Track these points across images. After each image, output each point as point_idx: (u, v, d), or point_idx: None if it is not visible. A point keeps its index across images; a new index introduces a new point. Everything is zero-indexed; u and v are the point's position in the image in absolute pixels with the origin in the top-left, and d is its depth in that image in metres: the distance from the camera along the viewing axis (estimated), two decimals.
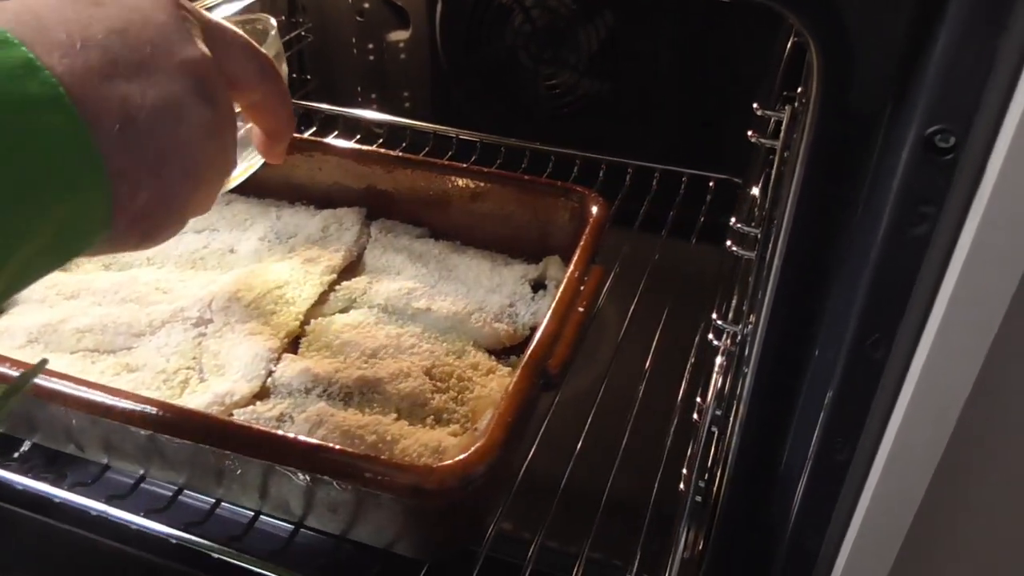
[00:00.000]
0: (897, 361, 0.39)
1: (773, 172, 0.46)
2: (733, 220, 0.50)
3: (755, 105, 0.46)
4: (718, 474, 0.55)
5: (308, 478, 0.39)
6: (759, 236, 0.49)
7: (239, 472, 0.42)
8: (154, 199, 0.30)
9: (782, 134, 0.45)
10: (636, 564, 0.48)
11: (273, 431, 0.39)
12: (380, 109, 0.89)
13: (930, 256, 0.36)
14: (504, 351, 0.55)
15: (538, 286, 0.59)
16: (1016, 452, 0.42)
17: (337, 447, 0.38)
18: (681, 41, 0.78)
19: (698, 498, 0.56)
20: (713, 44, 0.77)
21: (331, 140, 0.71)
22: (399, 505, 0.38)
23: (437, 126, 0.82)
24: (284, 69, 0.45)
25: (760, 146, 0.47)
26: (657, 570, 0.50)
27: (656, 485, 0.50)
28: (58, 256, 0.29)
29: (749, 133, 0.48)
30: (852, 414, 0.42)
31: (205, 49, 0.32)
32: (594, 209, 0.57)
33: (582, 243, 0.53)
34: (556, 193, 0.59)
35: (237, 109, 0.36)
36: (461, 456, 0.37)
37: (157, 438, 0.41)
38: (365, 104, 0.92)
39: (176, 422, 0.40)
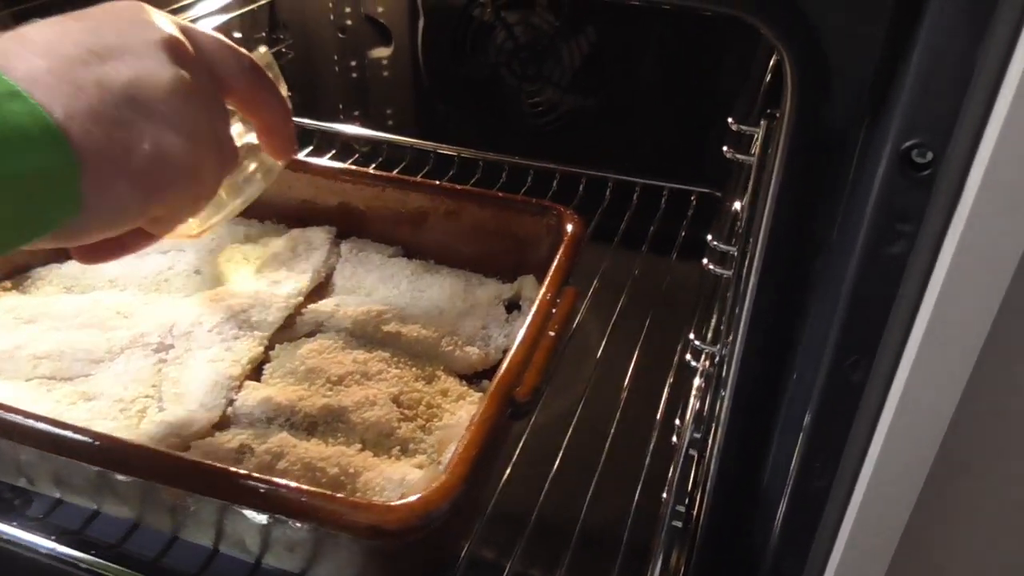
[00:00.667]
0: (877, 384, 0.38)
1: (749, 189, 0.44)
2: (710, 237, 0.49)
3: (730, 120, 0.45)
4: (698, 498, 0.53)
5: (264, 516, 0.37)
6: (735, 254, 0.48)
7: (192, 509, 0.40)
8: (130, 174, 0.31)
9: (757, 150, 0.43)
10: None
11: (224, 468, 0.37)
12: (363, 126, 0.87)
13: (909, 275, 0.34)
14: (477, 375, 0.53)
15: (512, 306, 0.57)
16: (1001, 478, 0.40)
17: (292, 485, 0.36)
18: (664, 57, 0.77)
19: (677, 523, 0.55)
20: (695, 60, 0.76)
21: (302, 156, 0.69)
22: (357, 545, 0.36)
23: (414, 140, 0.81)
24: (283, 88, 0.44)
25: (736, 162, 0.46)
26: None
27: (633, 510, 0.49)
28: (19, 231, 0.30)
29: (724, 149, 0.46)
30: (831, 439, 0.40)
31: (177, 32, 0.35)
32: (569, 227, 0.55)
33: (555, 263, 0.51)
34: (531, 211, 0.57)
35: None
36: (421, 494, 0.35)
37: (107, 473, 0.39)
38: (348, 121, 0.90)
39: (124, 458, 0.38)
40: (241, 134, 0.44)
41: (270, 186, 0.48)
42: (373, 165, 0.79)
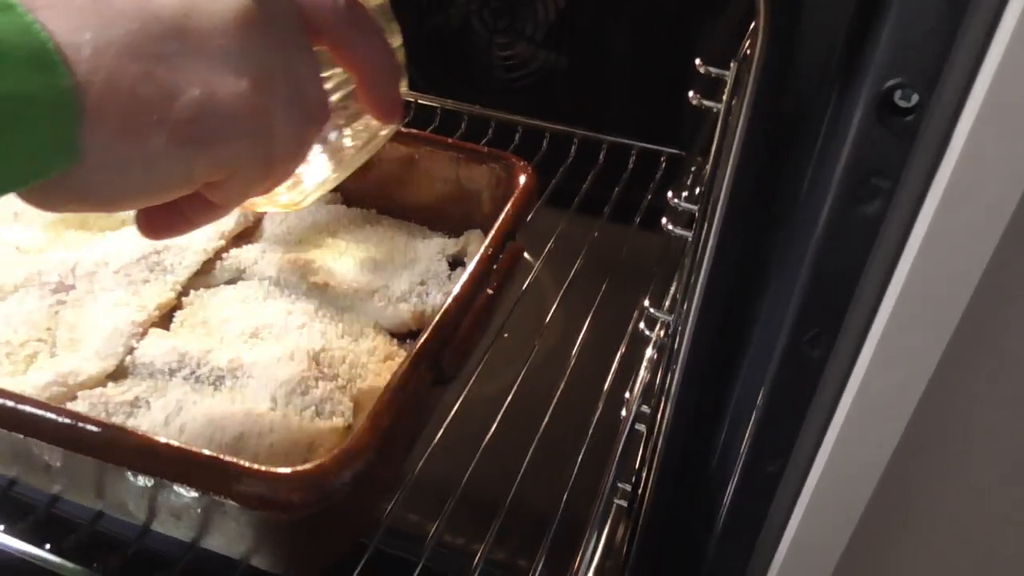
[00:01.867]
0: (838, 361, 0.34)
1: (715, 141, 0.40)
2: (670, 194, 0.44)
3: (697, 61, 0.41)
4: (644, 476, 0.49)
5: (142, 479, 0.33)
6: (697, 214, 0.43)
7: (64, 466, 0.35)
8: (170, 124, 0.25)
9: (725, 96, 0.39)
10: (540, 565, 0.42)
11: (95, 420, 0.32)
12: None
13: (882, 239, 0.30)
14: (411, 334, 0.48)
15: (458, 263, 0.53)
16: (969, 468, 0.37)
17: (172, 444, 0.32)
18: (639, 11, 0.72)
19: (621, 501, 0.51)
20: (673, 16, 0.72)
21: None
22: (246, 515, 0.32)
23: None
24: (396, 38, 0.39)
25: (707, 113, 0.41)
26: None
27: (571, 483, 0.45)
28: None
29: (690, 94, 0.42)
30: (785, 420, 0.36)
31: None
32: (521, 179, 0.51)
33: (502, 217, 0.47)
34: (480, 159, 0.53)
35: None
36: (319, 462, 0.31)
37: None
38: None
39: None
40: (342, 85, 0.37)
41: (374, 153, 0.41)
42: None
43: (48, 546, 0.38)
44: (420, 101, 0.73)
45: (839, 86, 0.30)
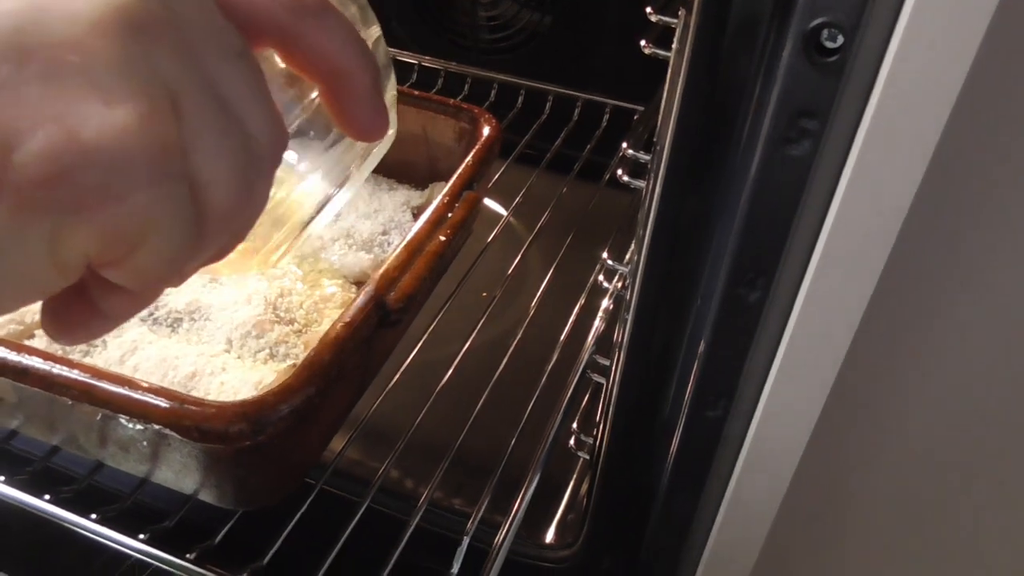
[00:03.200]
0: (777, 304, 0.34)
1: (665, 89, 0.40)
2: (625, 145, 0.44)
3: (648, 10, 0.40)
4: (601, 428, 0.50)
5: (89, 410, 0.33)
6: (650, 165, 0.44)
7: (18, 401, 0.36)
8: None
9: (675, 43, 0.39)
10: (483, 508, 0.43)
11: (44, 354, 0.33)
12: None
13: (813, 180, 0.31)
14: None
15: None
16: (902, 400, 0.37)
17: (115, 375, 0.32)
18: None
19: (586, 456, 0.52)
20: None
21: None
22: (188, 447, 0.33)
23: None
24: (371, 29, 0.31)
25: (657, 59, 0.41)
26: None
27: (519, 431, 0.46)
28: None
29: (642, 43, 0.42)
30: (726, 366, 0.37)
31: None
32: (485, 130, 0.51)
33: (462, 167, 0.47)
34: (446, 111, 0.53)
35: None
36: (254, 395, 0.32)
37: None
38: None
39: None
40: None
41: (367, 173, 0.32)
42: None
43: (3, 478, 0.39)
44: (398, 58, 0.73)
45: (773, 28, 0.30)
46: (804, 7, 0.27)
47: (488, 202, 0.68)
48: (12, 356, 0.33)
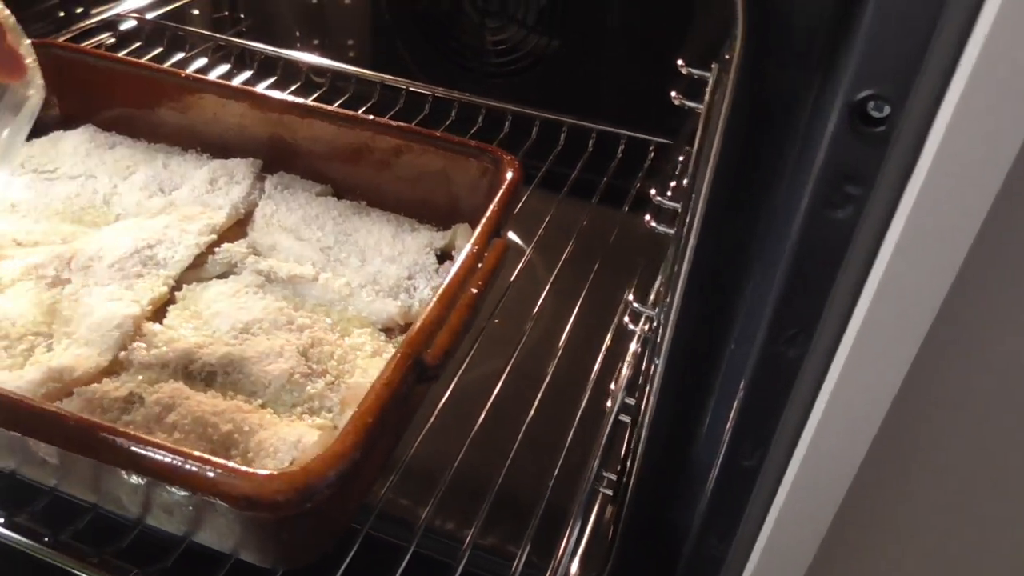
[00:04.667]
0: (815, 361, 0.34)
1: (696, 141, 0.40)
2: (653, 192, 0.45)
3: (680, 62, 0.41)
4: (628, 466, 0.50)
5: (135, 477, 0.34)
6: (679, 211, 0.44)
7: (63, 464, 0.36)
8: None
9: (707, 97, 0.39)
10: (526, 550, 0.43)
11: (88, 421, 0.33)
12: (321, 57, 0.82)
13: (856, 243, 0.31)
14: (401, 328, 0.49)
15: (445, 256, 0.53)
16: (941, 464, 0.38)
17: (162, 443, 0.32)
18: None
19: (608, 491, 0.52)
20: (665, 3, 0.71)
21: (238, 79, 0.64)
22: (234, 514, 0.33)
23: (358, 69, 0.76)
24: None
25: (684, 109, 0.42)
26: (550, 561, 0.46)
27: (556, 472, 0.46)
28: None
29: (672, 95, 0.42)
30: (763, 418, 0.37)
31: None
32: (508, 174, 0.51)
33: (488, 213, 0.47)
34: (469, 153, 0.53)
35: None
36: (304, 464, 0.32)
37: None
38: (304, 51, 0.84)
39: None
40: None
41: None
42: (313, 96, 0.74)
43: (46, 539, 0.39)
44: (411, 88, 0.74)
45: (814, 95, 0.30)
46: (852, 78, 0.28)
47: (509, 234, 0.69)
48: (58, 422, 0.33)
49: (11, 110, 0.38)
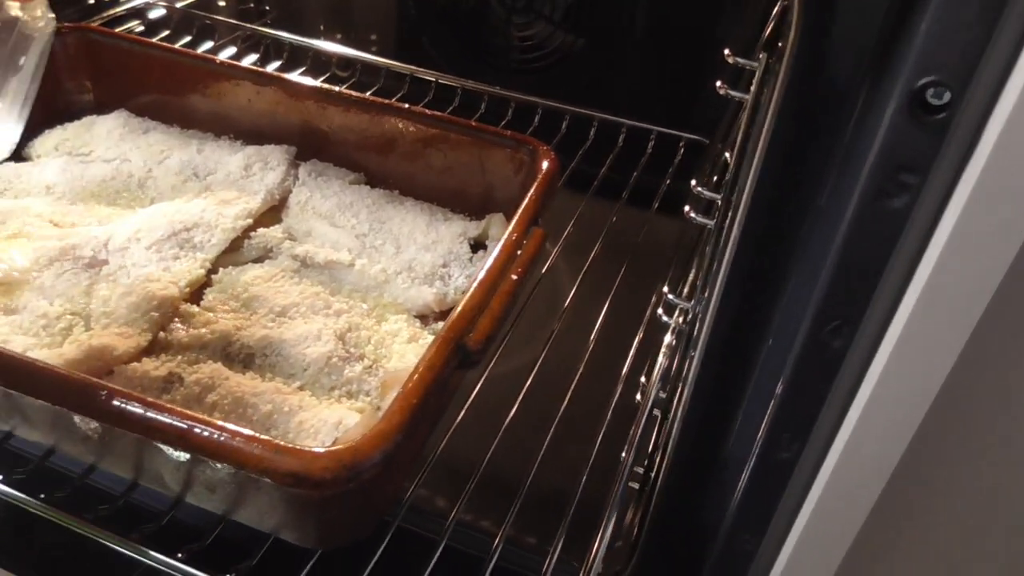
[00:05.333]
0: (859, 352, 0.34)
1: (741, 131, 0.40)
2: (694, 183, 0.45)
3: (727, 52, 0.41)
4: (658, 460, 0.50)
5: (178, 452, 0.34)
6: (720, 202, 0.44)
7: (105, 440, 0.36)
8: None
9: (753, 86, 0.39)
10: (559, 547, 0.43)
11: (137, 397, 0.33)
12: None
13: (908, 234, 0.31)
14: (436, 316, 0.49)
15: (479, 246, 0.54)
16: (982, 462, 0.38)
17: (210, 421, 0.32)
18: None
19: (635, 484, 0.52)
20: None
21: (266, 69, 0.64)
22: (278, 491, 0.33)
23: (389, 61, 0.76)
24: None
25: (730, 100, 0.42)
26: (583, 556, 0.46)
27: (589, 466, 0.46)
28: None
29: (718, 84, 0.42)
30: (803, 409, 0.37)
31: None
32: (544, 164, 0.51)
33: (526, 202, 0.47)
34: (504, 143, 0.53)
35: None
36: (351, 443, 0.32)
37: (12, 395, 0.36)
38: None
39: (26, 379, 0.34)
40: None
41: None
42: (345, 86, 0.74)
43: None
44: (440, 81, 0.74)
45: (870, 83, 0.30)
46: (912, 66, 0.27)
47: None
48: (107, 397, 0.33)
49: (26, 39, 0.40)
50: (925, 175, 0.29)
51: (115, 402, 0.33)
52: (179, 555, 0.37)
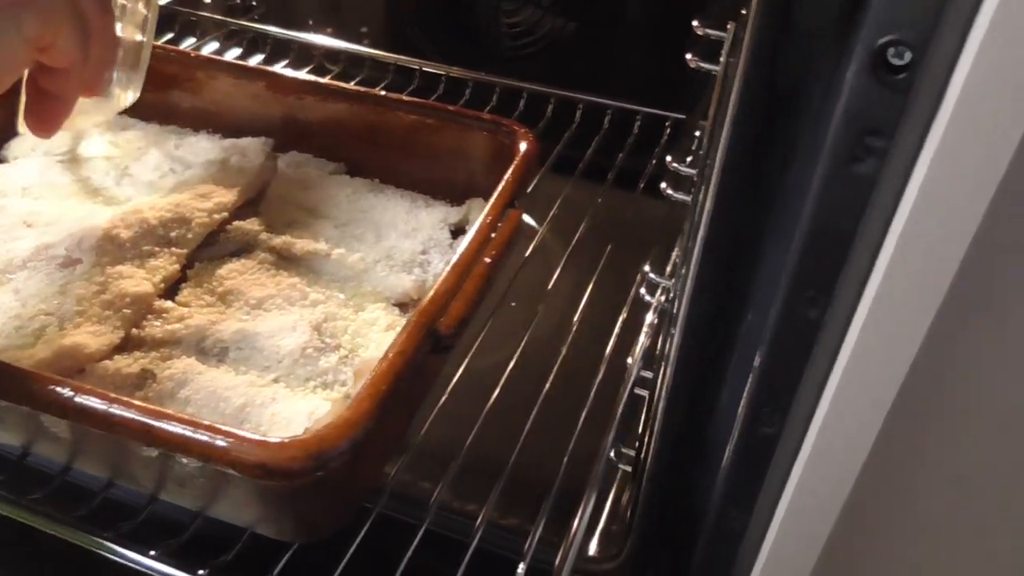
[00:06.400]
0: (835, 322, 0.34)
1: (712, 103, 0.39)
2: (669, 159, 0.44)
3: (695, 23, 0.40)
4: (646, 440, 0.50)
5: (149, 449, 0.33)
6: (696, 178, 0.43)
7: (76, 439, 0.36)
8: None
9: (723, 57, 0.38)
10: (540, 527, 0.43)
11: (97, 394, 0.33)
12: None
13: (876, 199, 0.30)
14: (415, 303, 0.49)
15: (460, 231, 0.53)
16: (962, 425, 0.37)
17: (173, 415, 0.32)
18: None
19: (627, 467, 0.51)
20: None
21: (243, 62, 0.64)
22: (248, 483, 0.33)
23: (370, 50, 0.75)
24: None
25: (701, 72, 0.41)
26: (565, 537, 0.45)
27: (571, 448, 0.45)
28: None
29: (688, 57, 0.41)
30: (782, 382, 0.36)
31: None
32: (523, 146, 0.50)
33: (502, 184, 0.47)
34: (484, 127, 0.52)
35: None
36: (317, 431, 0.31)
37: None
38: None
39: None
40: None
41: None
42: (329, 77, 0.74)
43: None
44: (424, 68, 0.73)
45: (834, 44, 0.29)
46: (871, 26, 0.27)
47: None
48: (70, 396, 0.33)
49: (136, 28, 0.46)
50: (891, 138, 0.28)
51: (78, 400, 0.33)
52: (151, 553, 0.37)
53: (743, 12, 0.35)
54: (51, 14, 0.35)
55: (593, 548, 0.55)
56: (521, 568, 0.40)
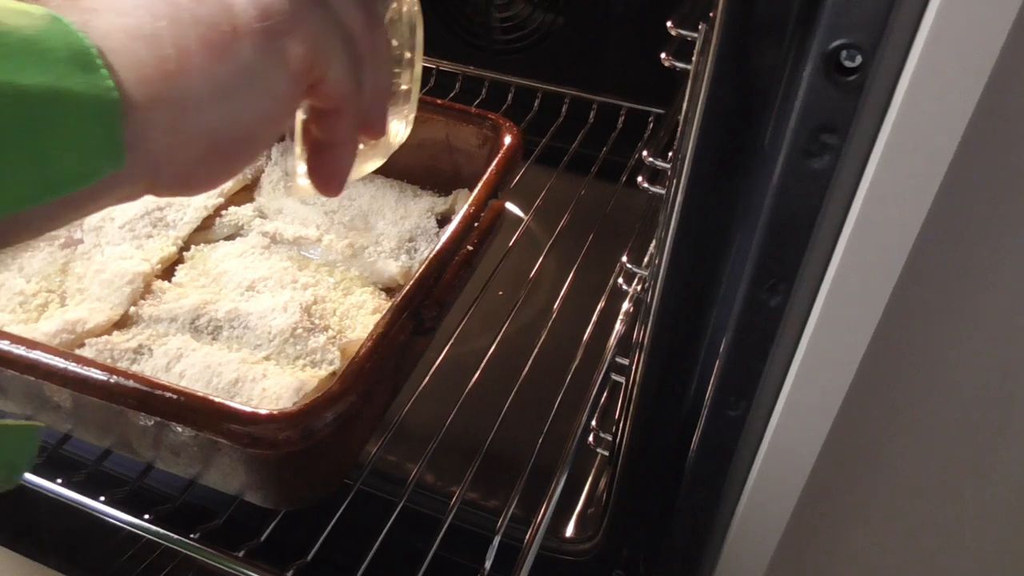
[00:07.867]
0: (796, 309, 0.36)
1: (685, 100, 0.41)
2: (645, 153, 0.46)
3: (669, 24, 0.42)
4: (622, 425, 0.52)
5: (144, 418, 0.35)
6: (670, 171, 0.45)
7: (74, 407, 0.38)
8: (183, 146, 0.25)
9: (695, 56, 0.40)
10: (512, 506, 0.45)
11: (97, 364, 0.35)
12: None
13: (832, 192, 0.32)
14: (400, 290, 0.50)
15: (446, 221, 0.55)
16: (919, 405, 0.39)
17: (168, 385, 0.34)
18: None
19: (605, 452, 0.53)
20: None
21: None
22: (237, 452, 0.35)
23: None
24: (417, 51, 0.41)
25: (675, 71, 0.43)
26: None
27: (545, 430, 0.47)
28: (42, 185, 0.23)
29: (662, 56, 0.43)
30: (746, 367, 0.38)
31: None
32: (507, 139, 0.52)
33: (486, 176, 0.49)
34: (470, 120, 0.54)
35: None
36: (304, 403, 0.33)
37: None
38: None
39: None
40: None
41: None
42: None
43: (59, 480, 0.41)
44: None
45: (791, 48, 0.31)
46: (824, 29, 0.29)
47: (508, 204, 0.70)
48: (72, 367, 0.35)
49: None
50: (845, 135, 0.30)
51: (79, 370, 0.34)
52: (146, 516, 0.39)
53: (711, 14, 0.37)
54: (317, 38, 0.28)
55: (571, 530, 0.57)
56: (495, 543, 0.41)
